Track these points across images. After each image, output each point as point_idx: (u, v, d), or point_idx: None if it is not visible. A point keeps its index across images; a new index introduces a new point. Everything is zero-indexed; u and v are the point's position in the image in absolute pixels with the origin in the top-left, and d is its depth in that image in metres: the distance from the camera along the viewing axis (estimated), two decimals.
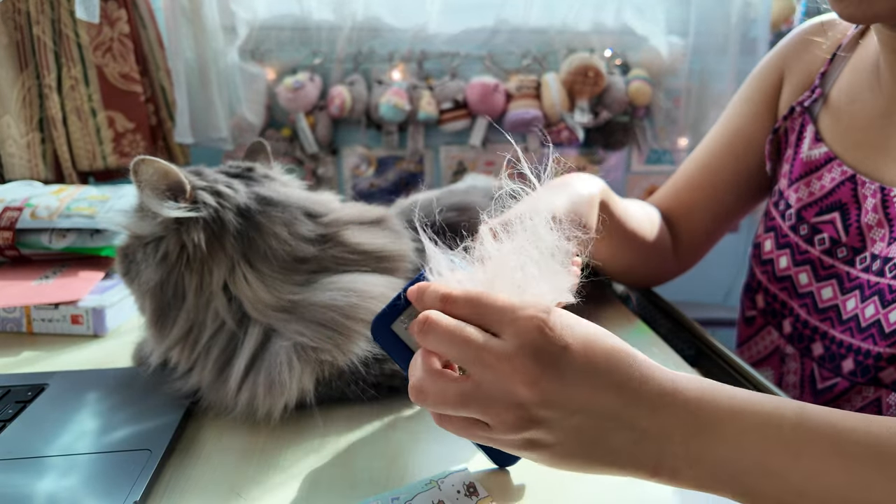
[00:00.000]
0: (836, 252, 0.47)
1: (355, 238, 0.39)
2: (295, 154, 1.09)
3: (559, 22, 1.09)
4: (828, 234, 0.47)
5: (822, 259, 0.48)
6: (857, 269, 0.45)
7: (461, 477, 0.31)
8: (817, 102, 0.50)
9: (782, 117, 0.53)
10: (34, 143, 0.89)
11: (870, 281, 0.43)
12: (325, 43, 1.05)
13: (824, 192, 0.48)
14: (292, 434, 0.36)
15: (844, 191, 0.46)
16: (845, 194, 0.46)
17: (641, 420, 0.25)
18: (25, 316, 0.50)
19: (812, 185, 0.49)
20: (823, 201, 0.48)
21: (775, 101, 0.55)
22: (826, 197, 0.48)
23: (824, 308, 0.47)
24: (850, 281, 0.45)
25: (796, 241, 0.50)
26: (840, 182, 0.47)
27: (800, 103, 0.51)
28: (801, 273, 0.49)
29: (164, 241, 0.36)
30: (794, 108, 0.52)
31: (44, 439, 0.34)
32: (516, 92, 1.07)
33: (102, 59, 0.89)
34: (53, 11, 0.86)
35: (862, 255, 0.45)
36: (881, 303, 0.42)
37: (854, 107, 0.47)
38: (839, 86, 0.50)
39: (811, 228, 0.49)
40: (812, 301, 0.48)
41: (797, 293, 0.50)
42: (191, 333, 0.36)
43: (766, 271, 0.53)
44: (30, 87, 0.88)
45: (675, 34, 1.10)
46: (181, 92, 0.94)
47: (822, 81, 0.51)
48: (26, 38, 0.87)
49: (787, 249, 0.51)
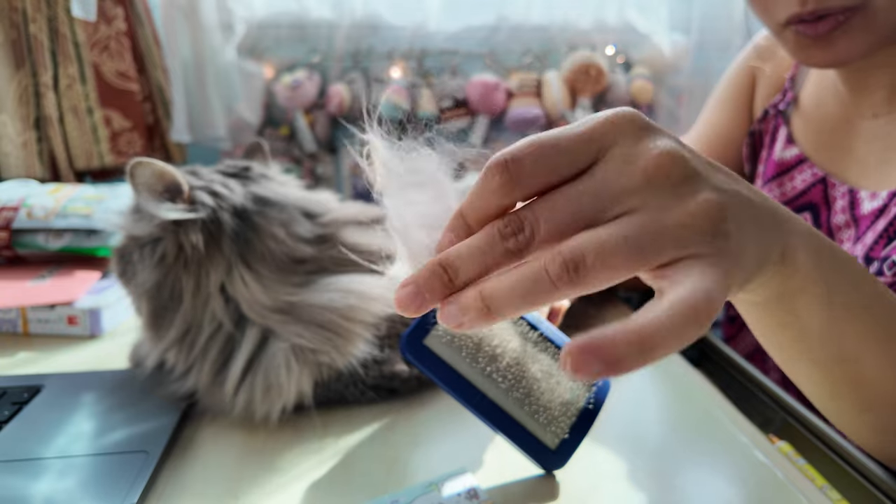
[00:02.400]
0: None
1: (354, 238, 0.39)
2: (293, 153, 1.08)
3: (560, 19, 1.08)
4: None
5: None
6: None
7: (462, 480, 0.31)
8: (790, 105, 0.52)
9: (757, 120, 0.54)
10: (30, 141, 0.88)
11: None
12: (323, 40, 1.05)
13: (796, 193, 0.49)
14: (290, 436, 0.35)
15: (816, 192, 0.47)
16: (816, 195, 0.47)
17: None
18: (21, 317, 0.50)
19: (784, 186, 0.50)
20: (795, 202, 0.49)
21: (749, 103, 0.56)
22: (798, 197, 0.49)
23: None
24: None
25: None
26: (812, 183, 0.48)
27: (773, 106, 0.53)
28: None
29: (161, 242, 0.36)
30: (767, 111, 0.53)
31: (40, 441, 0.34)
32: (517, 90, 1.07)
33: (99, 58, 0.89)
34: (50, 9, 0.86)
35: None
36: None
37: (820, 111, 0.49)
38: (807, 90, 0.51)
39: None
40: None
41: None
42: (187, 335, 0.36)
43: None
44: (26, 85, 0.88)
45: (677, 31, 1.10)
46: (178, 90, 0.94)
47: (793, 84, 0.52)
48: (22, 36, 0.86)
49: None
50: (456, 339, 0.32)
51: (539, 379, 0.32)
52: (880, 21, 0.37)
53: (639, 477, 0.32)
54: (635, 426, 0.36)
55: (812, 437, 0.39)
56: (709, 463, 0.34)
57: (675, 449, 0.35)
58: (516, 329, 0.34)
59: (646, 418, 0.38)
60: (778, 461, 0.34)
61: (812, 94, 0.50)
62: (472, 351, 0.32)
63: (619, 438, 0.35)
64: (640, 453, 0.34)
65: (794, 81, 0.52)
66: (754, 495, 0.31)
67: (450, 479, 0.31)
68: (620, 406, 0.38)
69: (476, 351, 0.32)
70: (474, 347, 0.32)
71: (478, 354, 0.32)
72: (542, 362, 0.33)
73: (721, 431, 0.37)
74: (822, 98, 0.49)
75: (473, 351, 0.32)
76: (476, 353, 0.32)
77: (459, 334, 0.32)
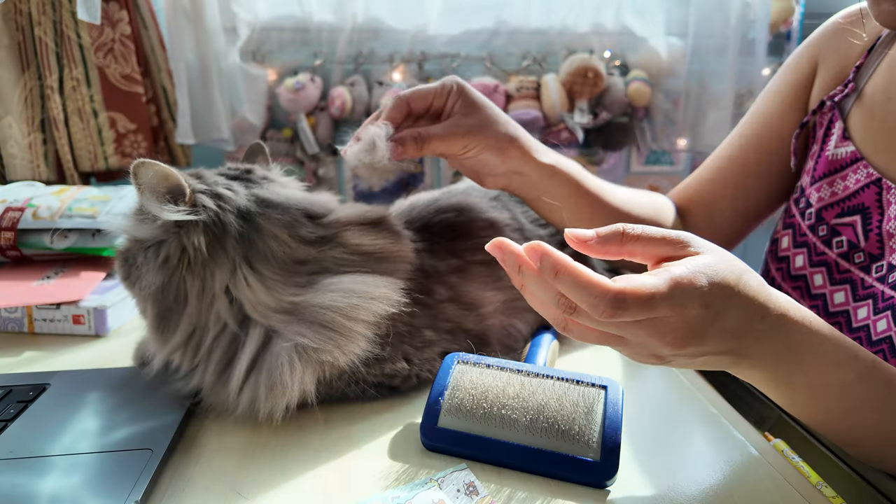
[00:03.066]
0: (853, 257, 0.45)
1: (355, 239, 0.39)
2: (296, 155, 1.09)
3: (559, 23, 1.09)
4: (846, 238, 0.46)
5: (839, 262, 0.46)
6: (873, 276, 0.43)
7: (461, 476, 0.32)
8: (849, 98, 0.47)
9: (812, 111, 0.50)
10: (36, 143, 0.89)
11: (884, 293, 0.42)
12: (325, 44, 1.05)
13: (847, 194, 0.46)
14: (293, 433, 0.36)
15: (869, 194, 0.44)
16: (869, 198, 0.44)
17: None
18: (27, 316, 0.50)
19: (835, 185, 0.46)
20: (845, 203, 0.46)
21: (807, 94, 0.51)
22: (849, 199, 0.46)
23: (835, 312, 0.46)
24: (864, 289, 0.44)
25: (814, 242, 0.48)
26: (865, 184, 0.44)
27: (831, 97, 0.48)
28: (816, 274, 0.48)
29: (165, 244, 0.36)
30: (824, 102, 0.49)
31: (45, 439, 0.34)
32: (516, 93, 1.07)
33: (104, 60, 0.90)
34: (55, 12, 0.87)
35: (879, 264, 0.43)
36: (893, 320, 0.41)
37: (889, 106, 0.44)
38: (875, 82, 0.46)
39: (830, 230, 0.47)
40: (824, 303, 0.47)
41: (810, 294, 0.48)
42: (193, 337, 0.36)
43: (781, 268, 0.51)
44: (31, 87, 0.89)
45: (674, 35, 1.11)
46: (182, 93, 0.95)
47: (857, 75, 0.47)
48: (28, 39, 0.87)
49: (804, 249, 0.49)
50: (463, 405, 0.34)
51: (552, 399, 0.33)
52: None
53: (635, 474, 0.33)
54: (631, 423, 0.37)
55: (807, 434, 0.39)
56: (705, 460, 0.34)
57: (671, 446, 0.35)
58: (508, 371, 0.35)
59: (642, 415, 0.38)
60: (773, 458, 0.34)
61: (881, 88, 0.45)
62: (480, 406, 0.33)
63: None
64: (635, 450, 0.35)
65: (860, 72, 0.47)
66: (750, 492, 0.31)
67: (449, 475, 0.32)
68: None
69: (485, 404, 0.33)
70: (482, 401, 0.33)
71: (490, 408, 0.33)
72: (546, 387, 0.34)
73: (717, 429, 0.37)
74: (894, 92, 0.44)
75: (482, 406, 0.33)
76: (487, 407, 0.33)
77: (463, 398, 0.34)
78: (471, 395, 0.34)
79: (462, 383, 0.35)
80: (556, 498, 0.31)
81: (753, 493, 0.31)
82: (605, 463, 0.31)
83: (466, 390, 0.34)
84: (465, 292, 0.43)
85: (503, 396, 0.33)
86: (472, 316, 0.42)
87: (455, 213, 0.48)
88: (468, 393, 0.34)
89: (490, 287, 0.44)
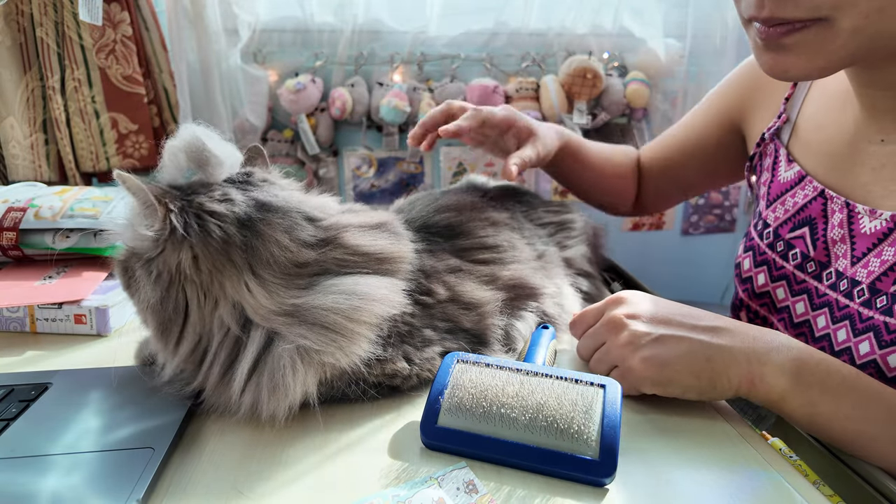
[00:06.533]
0: (806, 267, 0.47)
1: (355, 240, 0.39)
2: (296, 155, 1.09)
3: (558, 25, 1.10)
4: (799, 250, 0.48)
5: (796, 274, 0.48)
6: (825, 284, 0.45)
7: (461, 474, 0.32)
8: (785, 127, 0.52)
9: (755, 144, 0.55)
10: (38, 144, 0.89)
11: (839, 301, 0.43)
12: (326, 45, 1.06)
13: (797, 208, 0.48)
14: (295, 432, 0.36)
15: (815, 206, 0.47)
16: (815, 209, 0.47)
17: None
18: (29, 315, 0.50)
19: (786, 203, 0.50)
20: (796, 217, 0.48)
21: (728, 120, 0.60)
22: (798, 212, 0.48)
23: (799, 323, 0.48)
24: (819, 297, 0.46)
25: (773, 258, 0.50)
26: (812, 198, 0.47)
27: (769, 129, 0.53)
28: (778, 288, 0.50)
29: (155, 261, 0.36)
30: (763, 135, 0.54)
31: (47, 438, 0.34)
32: (515, 94, 1.08)
33: (105, 61, 0.90)
34: (56, 13, 0.87)
35: (828, 271, 0.45)
36: (852, 330, 0.42)
37: (821, 134, 0.48)
38: (805, 112, 0.50)
39: (786, 244, 0.49)
40: (789, 315, 0.49)
41: (776, 308, 0.50)
42: (199, 345, 0.36)
43: (747, 289, 0.54)
44: (33, 88, 0.89)
45: (672, 37, 1.11)
46: (184, 94, 0.95)
47: (788, 105, 0.52)
48: (29, 39, 0.88)
49: (764, 266, 0.51)
50: (463, 404, 0.34)
51: (551, 398, 0.33)
52: (840, 42, 0.34)
53: (633, 472, 0.33)
54: (629, 423, 0.37)
55: (804, 434, 0.39)
56: (702, 459, 0.34)
57: (668, 445, 0.36)
58: (507, 370, 0.35)
59: (639, 414, 0.38)
60: (771, 458, 0.34)
61: (811, 118, 0.49)
62: (480, 405, 0.33)
63: None
64: (633, 449, 0.35)
65: (790, 103, 0.51)
66: (748, 491, 0.32)
67: (449, 473, 0.32)
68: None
69: (485, 403, 0.33)
70: (481, 400, 0.34)
71: (489, 407, 0.33)
72: (545, 386, 0.34)
73: (715, 428, 0.37)
74: (823, 121, 0.48)
75: (482, 404, 0.33)
76: (486, 405, 0.33)
77: (462, 397, 0.34)
78: (470, 394, 0.34)
79: (462, 382, 0.35)
80: (555, 496, 0.31)
81: (751, 492, 0.32)
82: (603, 461, 0.31)
83: (466, 389, 0.34)
84: (465, 292, 0.43)
85: (502, 395, 0.34)
86: (472, 315, 0.42)
87: (454, 213, 0.48)
88: (468, 392, 0.34)
89: (489, 287, 0.44)
